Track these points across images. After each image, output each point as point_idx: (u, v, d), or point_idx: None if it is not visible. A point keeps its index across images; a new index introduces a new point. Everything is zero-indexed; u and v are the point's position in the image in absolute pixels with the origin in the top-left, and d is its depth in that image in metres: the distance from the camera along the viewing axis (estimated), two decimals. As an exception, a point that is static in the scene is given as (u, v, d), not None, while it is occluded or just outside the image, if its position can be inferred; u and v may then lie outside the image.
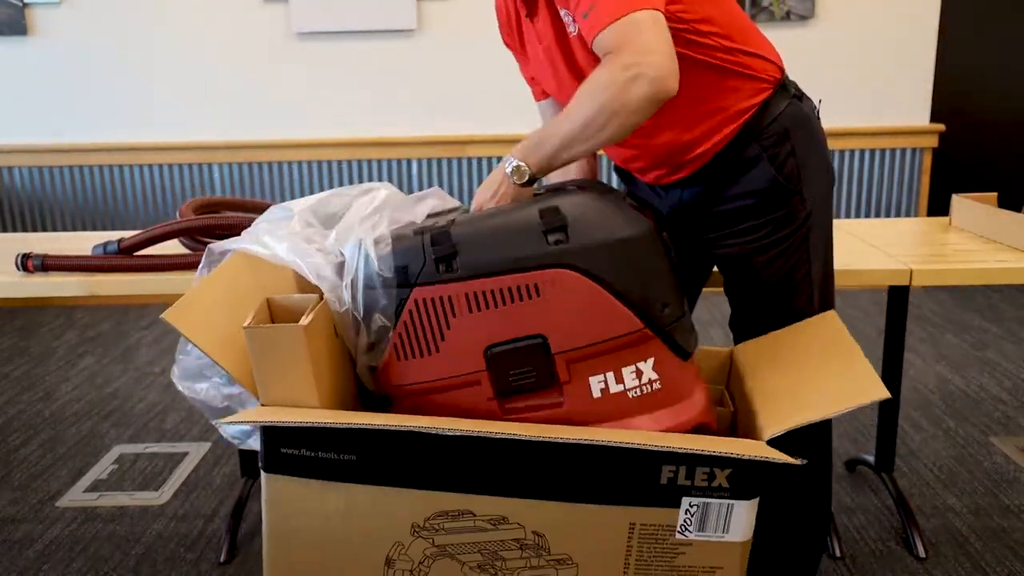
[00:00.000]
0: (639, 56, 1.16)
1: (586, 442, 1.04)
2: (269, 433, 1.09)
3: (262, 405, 1.14)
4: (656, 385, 1.15)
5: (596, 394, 1.14)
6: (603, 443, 1.04)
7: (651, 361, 1.14)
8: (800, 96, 1.50)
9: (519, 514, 1.08)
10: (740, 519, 1.05)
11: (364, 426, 1.06)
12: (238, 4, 3.99)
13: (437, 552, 1.11)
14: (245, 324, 1.11)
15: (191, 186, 4.19)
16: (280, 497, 1.10)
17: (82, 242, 2.11)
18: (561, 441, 1.05)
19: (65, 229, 4.24)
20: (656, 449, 1.03)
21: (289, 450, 1.08)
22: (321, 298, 1.18)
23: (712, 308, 3.98)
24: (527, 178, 1.23)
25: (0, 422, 2.92)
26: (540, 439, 1.04)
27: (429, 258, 1.13)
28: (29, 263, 1.84)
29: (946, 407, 2.87)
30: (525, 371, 1.13)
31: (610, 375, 1.14)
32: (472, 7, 3.97)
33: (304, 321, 1.10)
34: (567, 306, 1.11)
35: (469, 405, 1.16)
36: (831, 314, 1.32)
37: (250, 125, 4.12)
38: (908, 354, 3.35)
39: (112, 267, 1.83)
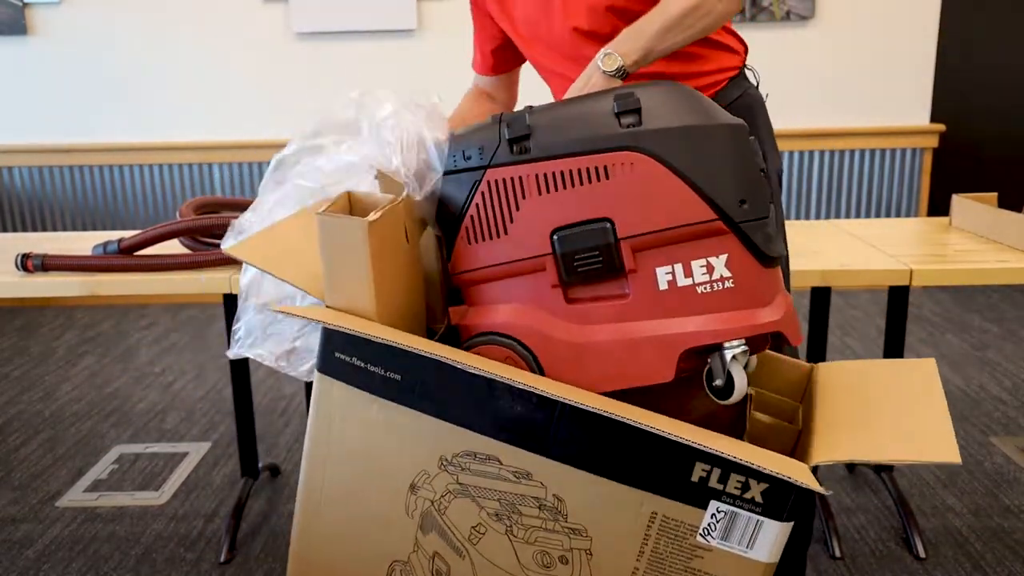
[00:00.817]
0: None
1: (622, 419, 1.02)
2: (327, 335, 1.12)
3: (326, 307, 1.14)
4: (728, 283, 1.10)
5: (663, 286, 1.11)
6: (641, 426, 1.02)
7: (724, 257, 1.10)
8: (757, 85, 1.56)
9: (543, 473, 1.07)
10: (768, 538, 1.02)
11: (406, 347, 1.06)
12: (238, 4, 3.99)
13: (459, 490, 1.11)
14: (319, 211, 1.10)
15: (191, 186, 4.19)
16: (329, 400, 1.13)
17: (82, 242, 2.11)
18: (595, 411, 1.02)
19: (65, 229, 4.24)
20: (690, 444, 1.01)
21: (343, 356, 1.11)
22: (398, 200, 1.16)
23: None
24: (618, 66, 1.25)
25: (0, 422, 2.92)
26: (576, 404, 1.03)
27: (504, 139, 1.13)
28: (29, 263, 1.84)
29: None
30: (590, 256, 1.11)
31: (678, 267, 1.10)
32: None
33: (372, 217, 1.09)
34: (636, 190, 1.09)
35: (534, 293, 1.15)
36: (930, 361, 1.26)
37: (250, 125, 4.12)
38: (908, 354, 3.35)
39: (112, 267, 1.83)
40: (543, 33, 1.52)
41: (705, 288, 1.10)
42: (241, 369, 2.27)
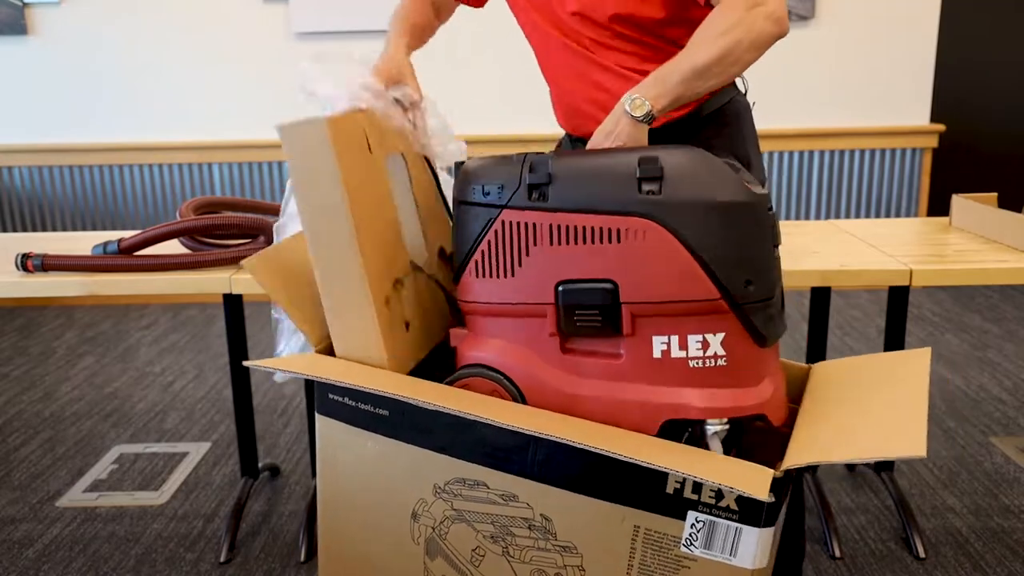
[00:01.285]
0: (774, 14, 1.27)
1: (588, 448, 1.04)
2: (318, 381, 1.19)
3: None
4: (721, 361, 1.12)
5: (656, 354, 1.13)
6: (607, 452, 1.04)
7: (720, 336, 1.11)
8: (745, 92, 1.56)
9: (528, 495, 1.10)
10: (749, 545, 1.03)
11: (387, 394, 1.11)
12: (238, 4, 3.99)
13: (456, 515, 1.15)
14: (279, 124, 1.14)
15: (191, 186, 4.19)
16: (330, 439, 1.20)
17: (82, 242, 2.11)
18: (566, 443, 1.05)
19: (65, 229, 4.24)
20: (645, 465, 1.02)
21: (335, 396, 1.18)
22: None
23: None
24: (646, 111, 1.24)
25: (0, 422, 2.92)
26: (546, 437, 1.05)
27: (524, 183, 1.14)
28: (29, 263, 1.84)
29: (946, 407, 2.87)
30: (590, 314, 1.13)
31: (674, 339, 1.12)
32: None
33: (329, 115, 1.16)
34: (645, 258, 1.10)
35: (531, 337, 1.17)
36: (924, 352, 1.27)
37: (250, 125, 4.12)
38: (908, 354, 3.35)
39: (112, 267, 1.83)
40: (540, 2, 1.50)
41: (697, 363, 1.12)
42: (241, 369, 2.27)
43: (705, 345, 1.11)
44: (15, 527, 2.24)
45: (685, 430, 1.16)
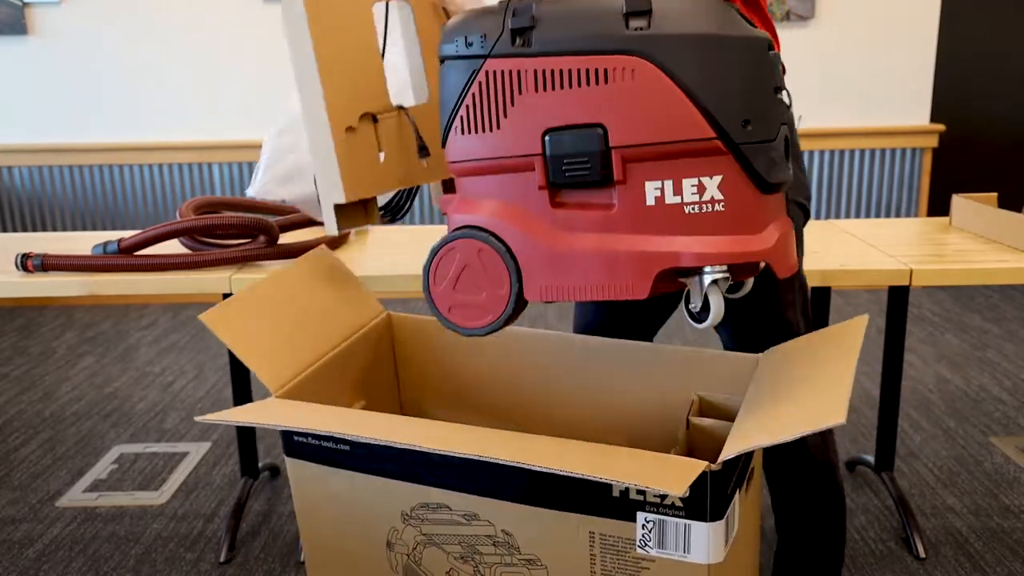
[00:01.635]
0: None
1: (527, 467, 1.05)
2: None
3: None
4: (719, 207, 1.05)
5: (650, 201, 1.06)
6: (534, 467, 1.04)
7: (718, 179, 1.04)
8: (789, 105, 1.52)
9: (488, 512, 1.12)
10: (701, 540, 1.03)
11: (339, 434, 1.12)
12: (238, 4, 3.99)
13: (425, 540, 1.18)
14: None
15: (190, 186, 4.19)
16: (298, 477, 1.24)
17: (82, 242, 2.11)
18: (500, 463, 1.07)
19: (65, 229, 4.24)
20: (576, 477, 1.03)
21: (300, 438, 1.21)
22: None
23: (712, 308, 3.97)
24: None
25: (0, 422, 2.92)
26: (480, 459, 1.07)
27: (507, 28, 1.09)
28: (29, 263, 1.84)
29: (946, 407, 2.87)
30: (580, 161, 1.07)
31: (668, 183, 1.05)
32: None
33: None
34: (634, 98, 1.04)
35: (520, 193, 1.12)
36: (860, 320, 1.24)
37: (250, 125, 4.12)
38: (908, 354, 3.35)
39: (112, 267, 1.83)
40: None
41: (693, 208, 1.05)
42: (241, 369, 2.27)
43: (701, 189, 1.04)
44: (15, 527, 2.24)
45: (683, 283, 1.12)
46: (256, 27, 4.02)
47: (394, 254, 2.03)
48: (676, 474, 1.00)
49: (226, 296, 1.91)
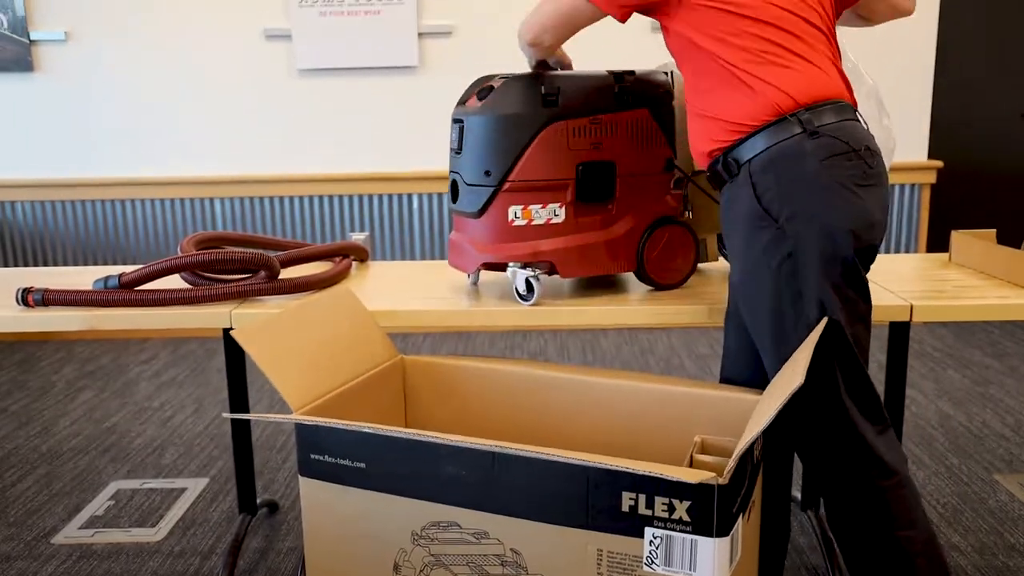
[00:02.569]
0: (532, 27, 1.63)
1: (543, 457, 1.08)
2: (301, 440, 1.27)
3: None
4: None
5: None
6: (560, 459, 1.07)
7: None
8: (816, 133, 1.47)
9: (498, 530, 1.15)
10: (707, 557, 1.05)
11: (360, 429, 1.17)
12: (241, 41, 4.04)
13: (434, 561, 1.20)
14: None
15: (192, 221, 4.21)
16: (311, 497, 1.28)
17: (83, 276, 2.11)
18: (515, 453, 1.10)
19: (67, 264, 4.25)
20: (597, 466, 1.05)
21: (316, 456, 1.26)
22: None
23: (714, 343, 3.97)
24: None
25: (-3, 457, 2.90)
26: (499, 450, 1.10)
27: None
28: (30, 297, 1.84)
29: (949, 444, 2.85)
30: None
31: None
32: (473, 44, 4.01)
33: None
34: None
35: None
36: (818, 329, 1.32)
37: (252, 160, 4.15)
38: (910, 390, 3.34)
39: (112, 301, 1.83)
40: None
41: None
42: (240, 404, 2.26)
43: None
44: (9, 565, 2.22)
45: None
46: (259, 62, 4.06)
47: (394, 289, 2.04)
48: (689, 474, 1.04)
49: (227, 331, 1.91)
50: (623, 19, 1.58)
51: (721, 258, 2.07)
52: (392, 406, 1.59)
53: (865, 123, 1.56)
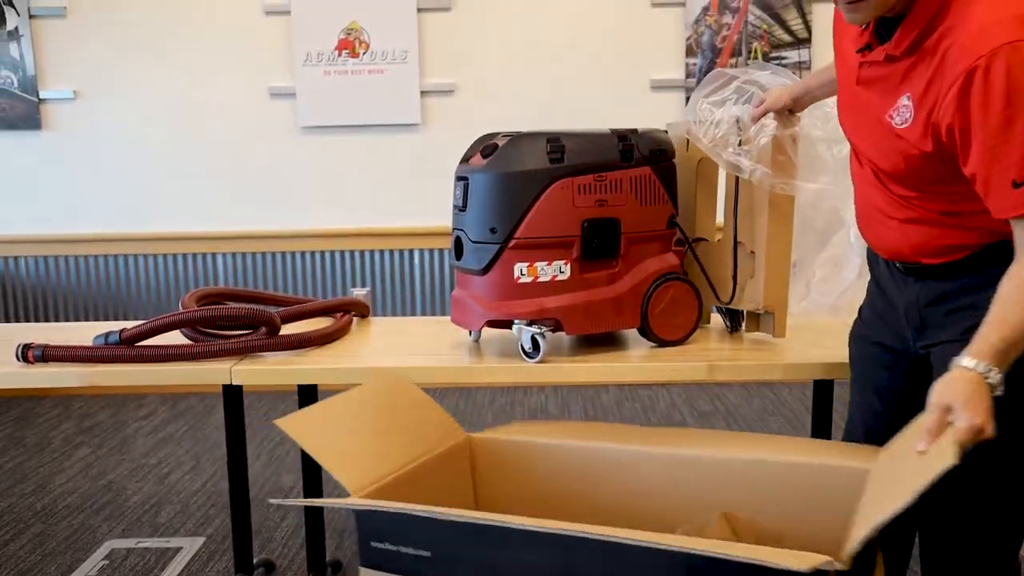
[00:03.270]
0: None
1: (631, 542, 0.97)
2: (361, 527, 1.20)
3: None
4: None
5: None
6: (651, 545, 0.96)
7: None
8: None
9: None
10: None
11: (427, 514, 1.10)
12: (246, 99, 4.10)
13: None
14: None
15: (195, 275, 4.22)
16: None
17: (85, 332, 2.10)
18: (598, 538, 0.99)
19: (70, 319, 4.25)
20: (698, 553, 0.95)
21: (377, 544, 1.19)
22: None
23: (716, 399, 3.94)
24: (998, 380, 1.18)
25: (-9, 515, 2.86)
26: (579, 534, 0.99)
27: None
28: (30, 354, 1.83)
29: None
30: None
31: None
32: (475, 101, 4.07)
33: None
34: None
35: None
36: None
37: (255, 216, 4.17)
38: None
39: (112, 357, 1.82)
40: (847, 131, 1.52)
41: None
42: (238, 461, 2.23)
43: None
44: (-1, 627, 2.17)
45: None
46: (263, 120, 4.11)
47: (395, 345, 2.03)
48: (800, 559, 0.92)
49: (226, 388, 1.90)
50: None
51: (716, 315, 2.06)
52: (459, 489, 1.50)
53: None
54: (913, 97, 1.32)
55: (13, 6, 4.02)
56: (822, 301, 1.81)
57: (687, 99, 4.02)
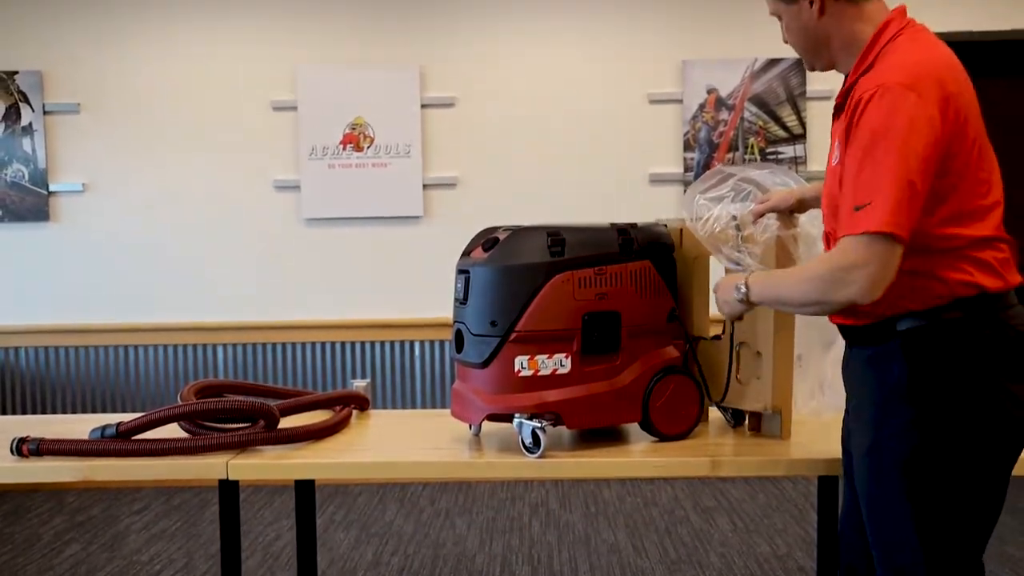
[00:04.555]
0: (858, 272, 1.35)
1: None
2: None
3: None
4: None
5: None
6: None
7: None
8: (991, 323, 1.39)
9: None
10: None
11: None
12: (252, 191, 4.16)
13: None
14: None
15: (195, 366, 4.20)
16: None
17: (82, 425, 2.08)
18: None
19: (68, 409, 4.21)
20: None
21: None
22: None
23: (719, 495, 3.87)
24: (742, 296, 1.57)
25: (-26, 615, 2.77)
26: None
27: None
28: (25, 448, 1.81)
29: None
30: None
31: None
32: (477, 194, 4.13)
33: None
34: None
35: None
36: None
37: (256, 306, 4.18)
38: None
39: (109, 452, 1.80)
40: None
41: None
42: (232, 558, 2.17)
43: None
44: None
45: None
46: (267, 212, 4.17)
47: (395, 439, 2.01)
48: None
49: (222, 482, 1.86)
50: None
51: (713, 409, 2.03)
52: None
53: None
54: (840, 140, 1.45)
55: (28, 102, 4.12)
56: (835, 404, 1.79)
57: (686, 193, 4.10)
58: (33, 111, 4.13)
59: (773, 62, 4.12)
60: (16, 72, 4.12)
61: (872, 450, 1.45)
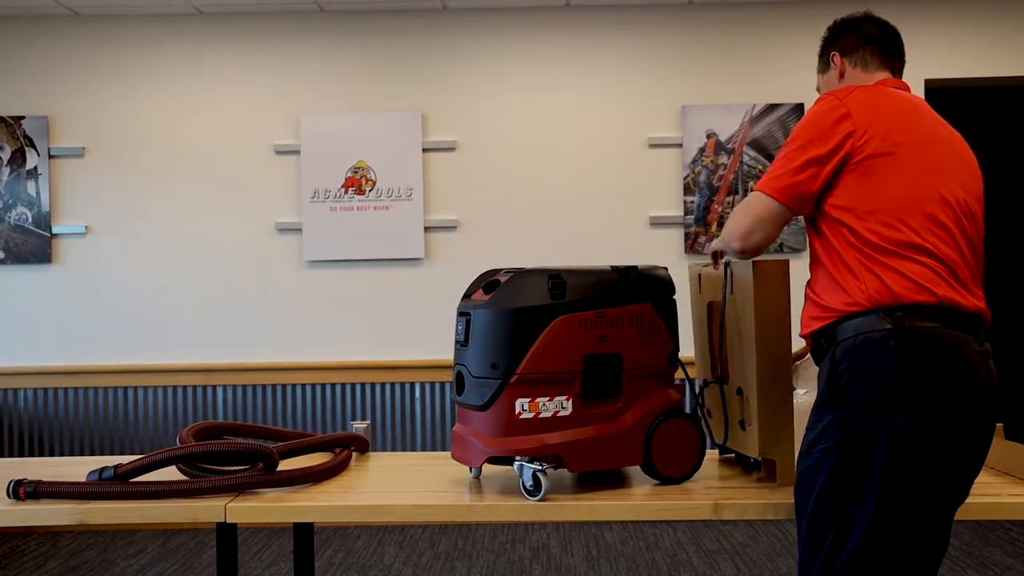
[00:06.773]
0: (734, 233, 1.72)
1: None
2: None
3: None
4: None
5: None
6: None
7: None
8: (907, 333, 1.62)
9: None
10: None
11: None
12: (253, 235, 4.19)
13: None
14: None
15: (195, 408, 4.18)
16: None
17: (80, 467, 2.07)
18: None
19: (66, 451, 4.19)
20: None
21: None
22: None
23: (722, 538, 3.83)
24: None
25: (-34, 661, 2.73)
26: None
27: None
28: (21, 490, 1.79)
29: (978, 652, 2.68)
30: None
31: None
32: (478, 237, 4.15)
33: None
34: None
35: None
36: None
37: (257, 348, 4.18)
38: (931, 592, 3.18)
39: (106, 494, 1.78)
40: None
41: None
42: (229, 604, 2.14)
43: None
44: None
45: None
46: (268, 255, 4.19)
47: (394, 481, 1.99)
48: None
49: (220, 525, 1.85)
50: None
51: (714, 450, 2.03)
52: None
53: None
54: None
55: (34, 147, 4.17)
56: None
57: (686, 235, 4.12)
58: (39, 155, 4.17)
59: (772, 107, 4.17)
60: (23, 117, 4.17)
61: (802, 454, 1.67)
